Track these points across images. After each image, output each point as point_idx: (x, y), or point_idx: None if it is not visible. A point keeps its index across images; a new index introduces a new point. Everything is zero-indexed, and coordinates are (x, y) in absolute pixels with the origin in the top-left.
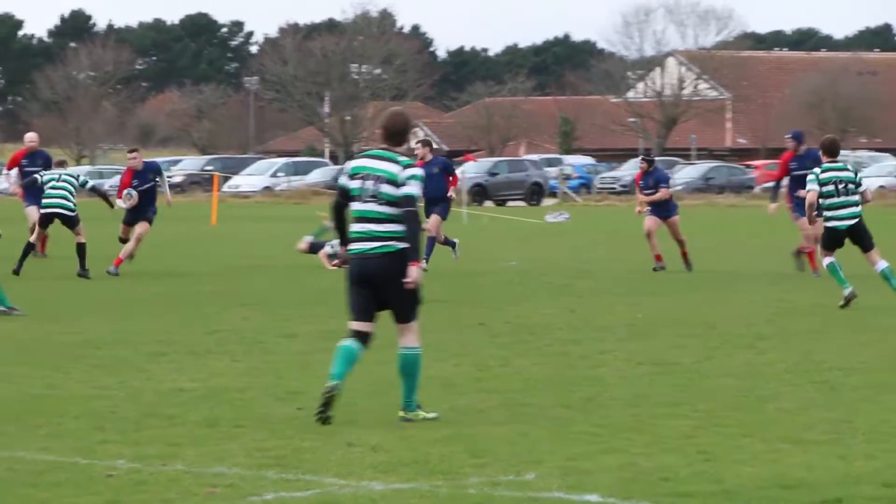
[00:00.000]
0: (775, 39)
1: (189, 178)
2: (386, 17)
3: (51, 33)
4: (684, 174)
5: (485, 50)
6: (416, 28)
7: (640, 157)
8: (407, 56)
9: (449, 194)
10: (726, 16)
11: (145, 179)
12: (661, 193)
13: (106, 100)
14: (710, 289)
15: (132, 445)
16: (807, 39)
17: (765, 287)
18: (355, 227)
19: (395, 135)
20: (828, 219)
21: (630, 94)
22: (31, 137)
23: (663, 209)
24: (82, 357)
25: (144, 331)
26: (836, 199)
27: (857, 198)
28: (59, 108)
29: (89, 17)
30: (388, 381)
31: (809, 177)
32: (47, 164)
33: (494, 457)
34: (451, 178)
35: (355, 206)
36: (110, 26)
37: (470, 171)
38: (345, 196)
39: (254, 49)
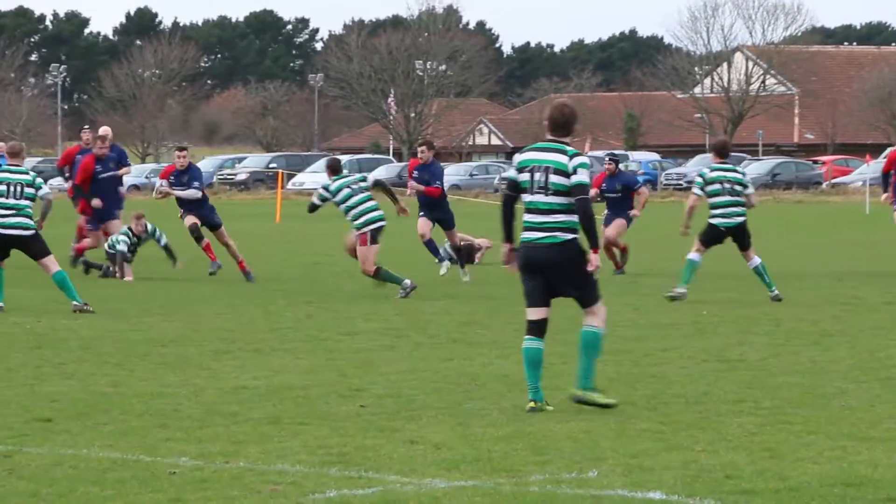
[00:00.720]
0: (844, 34)
1: (253, 175)
2: (451, 14)
3: (116, 31)
4: (751, 170)
5: (550, 46)
6: (481, 24)
7: (606, 157)
8: (472, 52)
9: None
10: (795, 10)
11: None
12: (642, 196)
13: (171, 98)
14: (776, 286)
15: (195, 443)
16: (876, 34)
17: (831, 284)
18: (525, 218)
19: (563, 126)
20: (713, 216)
21: (697, 89)
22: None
23: (621, 210)
24: (146, 355)
25: (208, 329)
26: (722, 199)
27: (743, 199)
28: (124, 106)
29: (155, 15)
30: (452, 378)
31: (697, 180)
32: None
33: (557, 454)
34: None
35: (525, 197)
36: (175, 24)
37: None
38: (514, 189)
39: (319, 46)
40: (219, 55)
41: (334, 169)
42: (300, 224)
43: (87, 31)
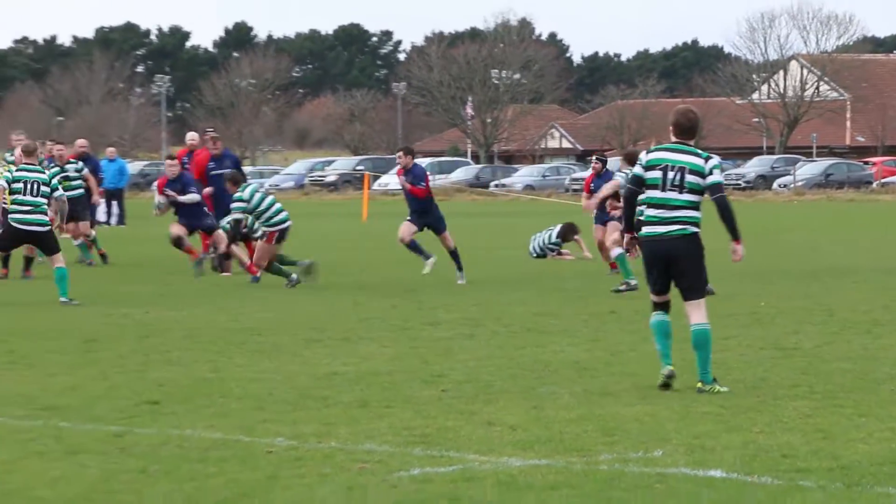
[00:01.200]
0: (894, 43)
1: (342, 177)
2: (525, 26)
3: (216, 44)
4: (805, 171)
5: (617, 55)
6: (553, 35)
7: (593, 157)
8: (544, 61)
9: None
10: (847, 21)
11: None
12: (607, 188)
13: (265, 105)
14: (830, 278)
15: (290, 424)
16: None
17: (881, 277)
18: (651, 213)
19: (689, 130)
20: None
21: (754, 95)
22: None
23: (605, 214)
24: (244, 343)
25: (300, 319)
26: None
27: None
28: (222, 113)
29: (251, 29)
30: (526, 365)
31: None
32: (237, 164)
33: (624, 435)
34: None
35: (652, 193)
36: (270, 37)
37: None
38: (639, 185)
39: (402, 57)
40: (310, 65)
41: (237, 181)
42: (385, 222)
43: (188, 44)
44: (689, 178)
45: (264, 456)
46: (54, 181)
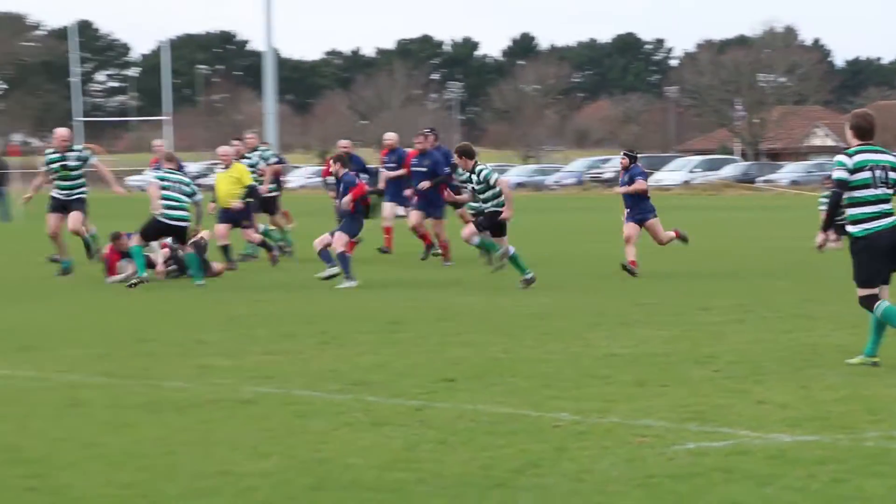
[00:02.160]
0: None
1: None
2: (790, 32)
3: (503, 53)
4: None
5: (878, 58)
6: (816, 41)
7: (622, 153)
8: (808, 65)
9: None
10: None
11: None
12: (635, 185)
13: (548, 108)
14: None
15: (573, 401)
16: None
17: None
18: (869, 210)
19: (870, 130)
20: None
21: None
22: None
23: (637, 212)
24: (531, 326)
25: (582, 305)
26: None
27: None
28: (509, 116)
29: (534, 39)
30: (794, 348)
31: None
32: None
33: (889, 414)
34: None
35: (865, 192)
36: (552, 46)
37: None
38: (845, 188)
39: (674, 62)
40: (588, 71)
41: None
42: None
43: (478, 53)
44: (892, 174)
45: (551, 429)
46: (193, 186)
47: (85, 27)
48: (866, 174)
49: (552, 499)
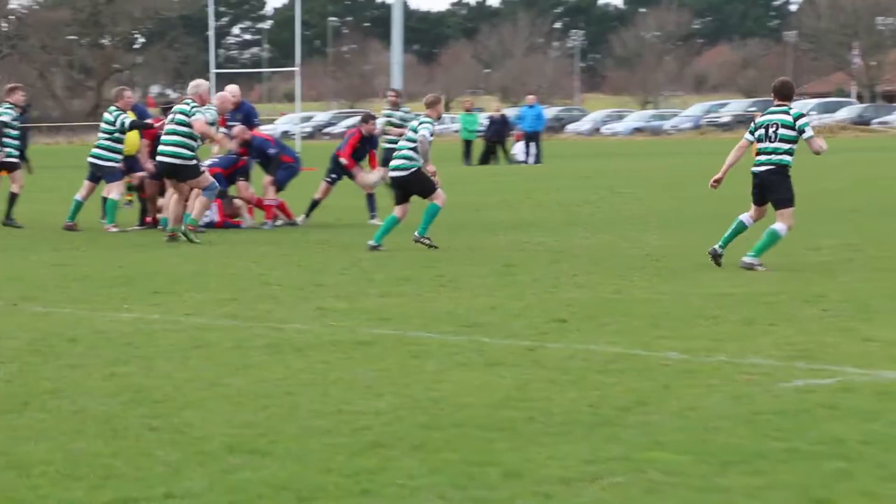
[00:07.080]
0: None
1: (735, 118)
2: None
3: (625, 1)
4: None
5: None
6: None
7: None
8: None
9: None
10: None
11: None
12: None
13: (667, 55)
14: None
15: (682, 340)
16: None
17: None
18: None
19: None
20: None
21: None
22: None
23: None
24: (643, 267)
25: (694, 246)
26: (763, 145)
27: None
28: (629, 63)
29: None
30: None
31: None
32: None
33: None
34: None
35: None
36: None
37: None
38: None
39: (793, 7)
40: (708, 17)
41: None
42: None
43: (600, 2)
44: None
45: (659, 368)
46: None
47: None
48: None
49: (658, 434)
